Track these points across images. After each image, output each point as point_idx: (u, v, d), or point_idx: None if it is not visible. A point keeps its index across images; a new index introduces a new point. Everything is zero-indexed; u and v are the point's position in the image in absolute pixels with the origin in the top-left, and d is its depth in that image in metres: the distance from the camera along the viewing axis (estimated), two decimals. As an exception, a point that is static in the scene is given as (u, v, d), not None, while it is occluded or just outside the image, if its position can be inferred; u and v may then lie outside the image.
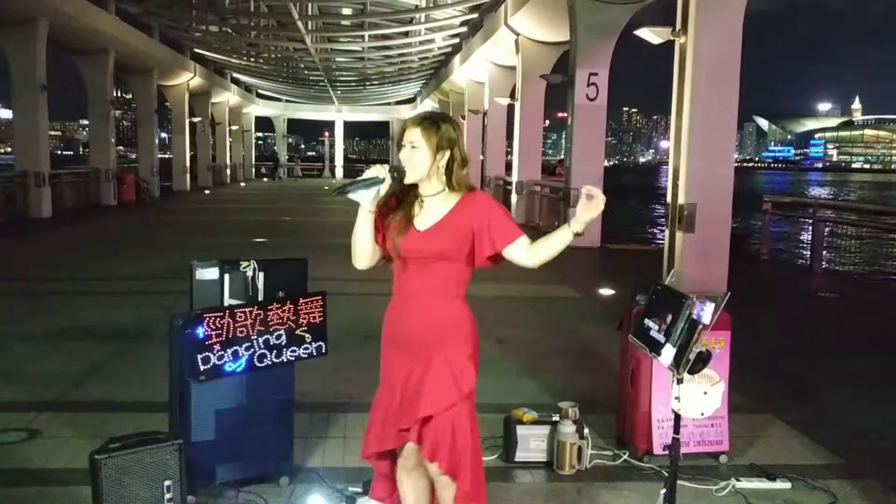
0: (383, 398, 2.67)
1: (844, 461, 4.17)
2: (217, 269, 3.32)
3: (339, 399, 4.93)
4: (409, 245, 2.58)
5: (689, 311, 2.19)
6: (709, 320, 2.16)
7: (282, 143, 53.84)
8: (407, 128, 2.59)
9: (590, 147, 14.00)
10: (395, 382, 2.63)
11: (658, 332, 2.33)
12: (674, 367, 2.22)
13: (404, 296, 2.64)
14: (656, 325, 2.36)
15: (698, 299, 2.21)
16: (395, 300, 2.68)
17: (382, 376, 2.70)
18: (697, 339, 2.16)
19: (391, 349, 2.68)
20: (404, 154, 2.56)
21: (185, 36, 27.39)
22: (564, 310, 8.29)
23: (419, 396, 2.56)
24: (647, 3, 13.33)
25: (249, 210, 21.54)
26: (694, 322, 2.18)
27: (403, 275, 2.63)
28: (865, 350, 6.87)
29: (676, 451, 2.32)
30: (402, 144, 2.58)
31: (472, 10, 21.64)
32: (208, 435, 3.31)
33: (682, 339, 2.19)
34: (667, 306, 2.35)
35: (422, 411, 2.53)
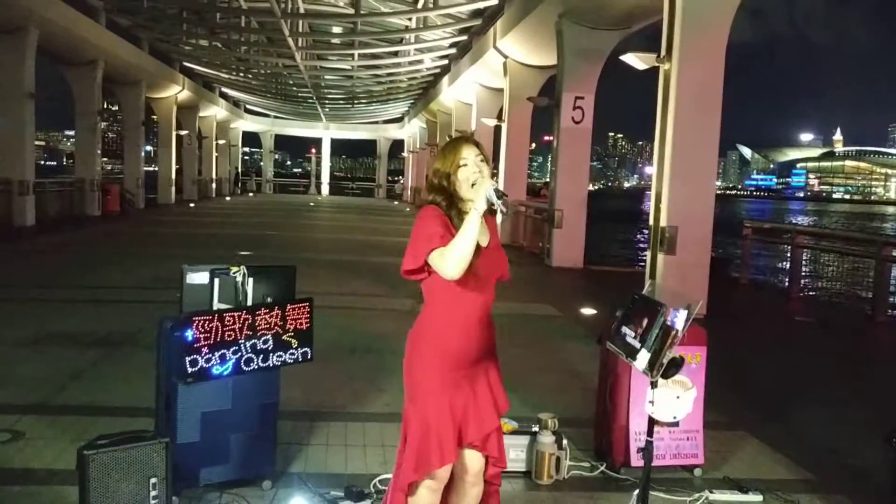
0: (439, 414, 2.63)
1: (815, 477, 4.28)
2: (207, 274, 3.40)
3: (323, 409, 4.98)
4: (484, 261, 2.63)
5: (664, 318, 2.29)
6: (682, 326, 2.26)
7: (268, 159, 53.85)
8: (465, 146, 2.70)
9: (574, 169, 14.20)
10: (455, 400, 2.65)
11: (634, 338, 2.43)
12: (648, 370, 2.32)
13: (468, 312, 2.67)
14: (632, 332, 2.46)
15: (672, 307, 2.32)
16: (457, 317, 2.66)
17: (433, 393, 2.65)
18: (671, 345, 2.26)
19: (448, 364, 2.66)
20: (473, 170, 2.64)
21: (174, 49, 27.47)
22: (546, 328, 8.39)
23: (487, 407, 2.70)
24: (634, 30, 13.62)
25: (234, 224, 21.54)
26: (668, 328, 2.28)
27: (466, 291, 2.62)
28: (838, 373, 7.03)
29: (649, 455, 2.41)
30: (462, 165, 2.65)
31: (462, 33, 21.91)
32: (193, 437, 3.37)
33: (657, 344, 2.29)
34: (643, 314, 2.45)
35: (492, 423, 2.70)
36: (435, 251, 2.54)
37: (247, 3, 21.58)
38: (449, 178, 2.67)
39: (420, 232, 2.61)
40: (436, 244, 2.54)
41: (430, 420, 2.63)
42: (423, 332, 2.72)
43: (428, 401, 2.65)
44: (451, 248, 2.50)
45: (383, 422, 4.72)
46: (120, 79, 24.58)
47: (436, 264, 2.55)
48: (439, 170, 2.71)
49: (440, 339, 2.67)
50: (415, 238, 2.63)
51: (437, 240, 2.55)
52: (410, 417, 2.72)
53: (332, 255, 14.28)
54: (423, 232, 2.60)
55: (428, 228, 2.59)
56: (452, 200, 2.68)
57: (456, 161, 2.67)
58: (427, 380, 2.67)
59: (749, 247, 13.17)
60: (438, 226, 2.59)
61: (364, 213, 30.36)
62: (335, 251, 15.37)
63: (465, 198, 2.66)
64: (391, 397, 5.32)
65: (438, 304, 2.68)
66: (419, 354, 2.71)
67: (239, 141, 49.12)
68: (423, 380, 2.68)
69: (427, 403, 2.65)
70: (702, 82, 8.93)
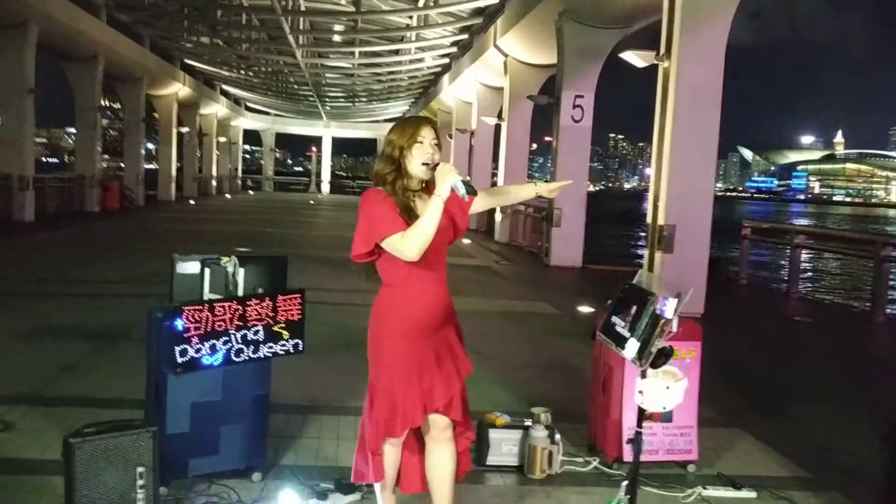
0: (406, 384, 2.79)
1: (809, 474, 4.25)
2: (198, 264, 3.37)
3: (317, 402, 4.96)
4: (439, 237, 2.74)
5: (653, 307, 2.27)
6: (671, 314, 2.24)
7: (269, 157, 53.83)
8: (426, 125, 2.83)
9: (574, 167, 14.15)
10: (421, 367, 2.81)
11: (623, 327, 2.41)
12: (637, 359, 2.30)
13: (424, 283, 2.81)
14: (622, 322, 2.44)
15: (661, 295, 2.30)
16: (414, 289, 2.80)
17: (399, 366, 2.80)
18: (660, 333, 2.24)
19: (414, 336, 2.80)
20: (428, 150, 2.77)
21: (175, 46, 27.47)
22: (543, 325, 8.36)
23: (449, 373, 2.86)
24: (634, 29, 13.59)
25: (233, 220, 21.53)
26: (657, 316, 2.26)
27: (421, 265, 2.74)
28: (834, 372, 7.00)
29: (638, 446, 2.39)
30: (419, 141, 2.77)
31: (463, 31, 21.88)
32: (183, 427, 3.34)
33: (646, 333, 2.27)
34: (632, 303, 2.43)
35: (455, 387, 2.86)
36: (394, 236, 2.65)
37: (248, 0, 21.59)
38: (402, 150, 2.78)
39: (371, 216, 2.73)
40: (390, 229, 2.66)
41: (395, 391, 2.80)
42: (385, 308, 2.85)
43: (394, 373, 2.81)
44: (413, 233, 2.63)
45: (376, 416, 4.69)
46: (121, 75, 24.58)
47: (395, 247, 2.67)
48: (394, 141, 2.82)
49: (402, 313, 2.81)
50: (365, 222, 2.75)
51: (389, 225, 2.67)
52: (377, 387, 2.89)
53: (329, 252, 14.25)
54: (374, 216, 2.71)
55: (379, 212, 2.71)
56: (399, 173, 2.80)
57: (414, 137, 2.78)
58: (393, 353, 2.81)
59: (748, 247, 13.15)
60: (389, 210, 2.72)
61: (364, 211, 30.27)
62: (333, 248, 15.33)
63: (412, 173, 2.79)
64: (385, 392, 5.30)
65: (395, 279, 2.81)
66: (383, 328, 2.84)
67: (240, 139, 49.13)
68: (390, 353, 2.82)
69: (393, 375, 2.81)
70: (701, 80, 8.91)
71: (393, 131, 2.85)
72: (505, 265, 13.88)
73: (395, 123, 2.93)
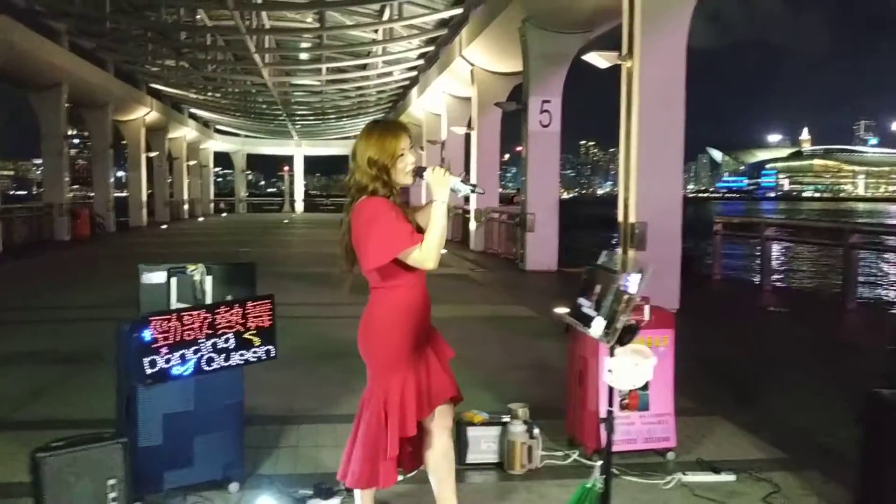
0: (413, 382, 2.85)
1: (787, 456, 4.28)
2: (164, 273, 3.34)
3: (294, 413, 4.92)
4: None
5: (617, 284, 2.28)
6: (635, 290, 2.25)
7: (240, 179, 53.50)
8: (402, 136, 2.86)
9: (545, 172, 14.26)
10: (423, 363, 2.90)
11: (590, 307, 2.42)
12: (603, 337, 2.30)
13: (421, 287, 2.91)
14: (588, 301, 2.45)
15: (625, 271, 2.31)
16: (419, 293, 2.89)
17: (404, 364, 2.85)
18: (625, 309, 2.25)
19: (418, 335, 2.88)
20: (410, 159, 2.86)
21: (140, 70, 27.31)
22: (521, 328, 8.37)
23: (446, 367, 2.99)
24: (597, 33, 13.73)
25: (206, 242, 21.35)
26: (621, 292, 2.27)
27: (409, 269, 2.81)
28: (808, 358, 7.07)
29: (611, 425, 2.40)
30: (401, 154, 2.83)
31: (429, 43, 22.00)
32: (156, 440, 3.30)
33: (611, 309, 2.28)
34: (597, 282, 2.45)
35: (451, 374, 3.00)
36: (413, 248, 2.70)
37: (212, 20, 21.54)
38: (387, 169, 2.80)
39: (386, 229, 2.72)
40: (410, 241, 2.70)
41: (405, 391, 2.83)
42: (381, 314, 2.88)
43: (402, 374, 2.84)
44: (428, 244, 2.70)
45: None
46: (86, 102, 24.35)
47: (415, 259, 2.72)
48: (377, 160, 2.81)
49: (412, 314, 2.86)
50: (381, 234, 2.73)
51: (411, 237, 2.70)
52: (389, 390, 2.86)
53: (303, 268, 14.20)
54: (391, 228, 2.72)
55: (396, 224, 2.73)
56: (387, 185, 2.83)
57: (396, 152, 2.82)
58: (396, 355, 2.84)
59: (720, 242, 13.27)
60: (403, 220, 2.75)
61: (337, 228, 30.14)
62: (307, 264, 15.29)
63: (400, 183, 2.86)
64: (363, 399, 5.27)
65: (396, 283, 2.83)
66: (382, 334, 2.88)
67: (210, 161, 48.78)
68: (394, 356, 2.85)
69: (403, 376, 2.84)
70: (664, 78, 9.01)
71: (371, 147, 2.81)
72: (481, 272, 13.89)
73: (367, 133, 2.87)
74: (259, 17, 20.43)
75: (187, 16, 21.41)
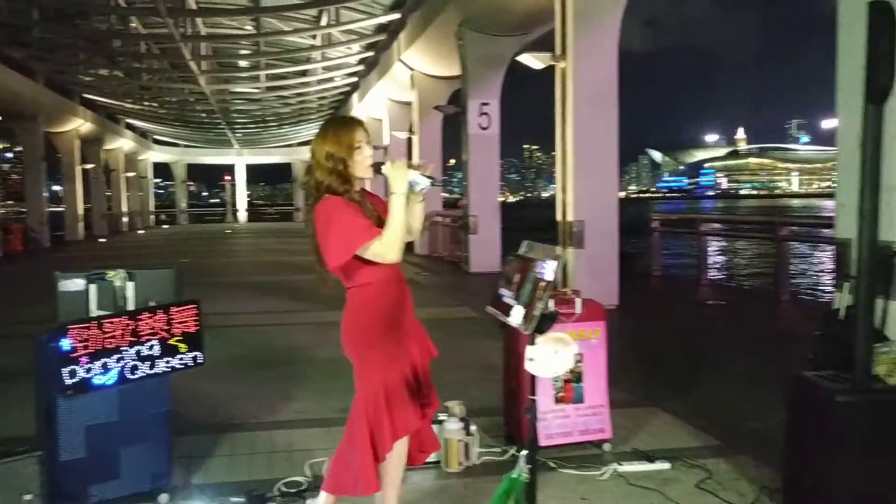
0: (402, 383, 2.82)
1: (720, 442, 4.38)
2: (82, 280, 3.24)
3: (231, 421, 4.82)
4: None
5: (534, 271, 2.30)
6: (551, 277, 2.27)
7: (181, 190, 52.48)
8: (358, 129, 2.86)
9: (485, 175, 14.36)
10: (407, 365, 2.87)
11: (510, 297, 2.43)
12: (522, 324, 2.32)
13: (398, 277, 2.88)
14: (509, 291, 2.46)
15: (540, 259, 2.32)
16: (392, 289, 2.84)
17: (389, 365, 2.81)
18: (542, 296, 2.26)
19: (398, 334, 2.85)
20: (368, 152, 2.83)
21: (72, 80, 26.54)
22: (463, 328, 8.37)
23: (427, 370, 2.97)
24: (533, 36, 13.87)
25: (145, 255, 20.87)
26: (538, 280, 2.29)
27: (393, 266, 2.80)
28: (743, 348, 7.25)
29: (533, 412, 2.41)
30: (357, 147, 2.81)
31: (368, 48, 21.92)
32: (79, 453, 3.19)
33: (529, 298, 2.30)
34: (516, 271, 2.46)
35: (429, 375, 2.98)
36: (373, 242, 2.68)
37: (145, 28, 21.09)
38: (345, 161, 2.79)
39: (345, 226, 2.71)
40: (369, 235, 2.68)
41: (395, 388, 2.80)
42: (364, 308, 2.83)
43: (389, 371, 2.80)
44: (388, 237, 2.68)
45: (292, 428, 4.61)
46: (15, 114, 23.58)
47: (377, 252, 2.69)
48: (334, 154, 2.79)
49: (381, 308, 2.81)
50: (339, 231, 2.72)
51: (369, 231, 2.69)
52: (373, 390, 2.80)
53: (246, 277, 14.02)
54: (348, 225, 2.71)
55: (352, 221, 2.72)
56: (345, 178, 2.81)
57: (352, 144, 2.80)
58: (382, 348, 2.80)
59: (659, 239, 13.52)
60: (360, 216, 2.74)
61: (281, 236, 29.89)
62: (249, 273, 15.09)
63: (358, 177, 2.84)
64: (302, 404, 5.21)
65: (365, 280, 2.80)
66: (368, 327, 2.81)
67: (150, 173, 47.77)
68: (379, 349, 2.80)
69: (389, 374, 2.80)
70: (597, 78, 9.15)
71: (327, 142, 2.81)
72: (426, 276, 13.89)
73: (323, 130, 2.88)
74: (194, 24, 20.08)
75: (120, 24, 20.91)
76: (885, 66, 3.03)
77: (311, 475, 3.76)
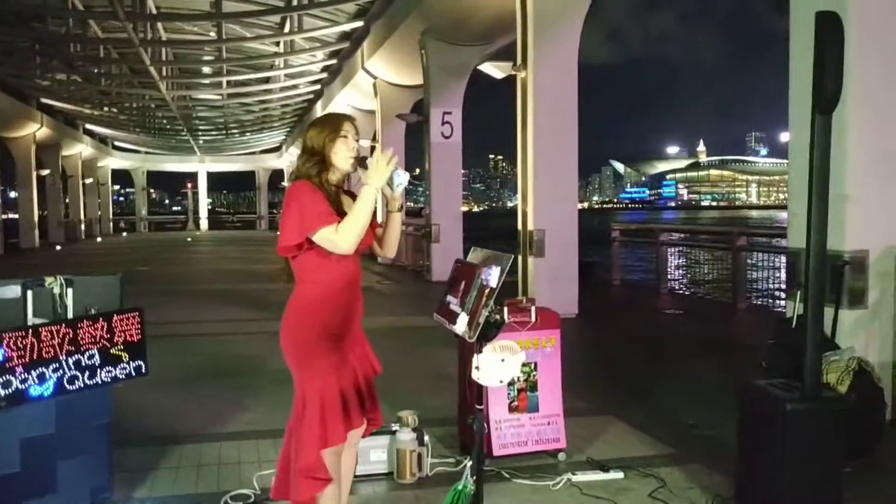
0: (341, 386, 2.70)
1: (675, 451, 4.38)
2: (18, 287, 3.12)
3: (179, 433, 4.69)
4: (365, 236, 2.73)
5: (480, 278, 2.26)
6: (496, 283, 2.23)
7: (141, 197, 51.62)
8: (347, 121, 2.82)
9: (447, 183, 14.37)
10: (349, 369, 2.77)
11: (456, 304, 2.39)
12: (467, 332, 2.28)
13: (350, 284, 2.76)
14: (455, 299, 2.42)
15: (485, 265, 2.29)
16: (341, 289, 2.73)
17: (332, 369, 2.70)
18: (486, 303, 2.22)
19: (343, 337, 2.75)
20: (352, 144, 2.78)
21: (29, 84, 25.96)
22: (423, 337, 8.31)
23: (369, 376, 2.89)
24: (495, 46, 13.93)
25: (103, 263, 20.44)
26: (482, 286, 2.25)
27: (347, 265, 2.72)
28: (701, 357, 7.30)
29: (480, 423, 2.37)
30: (343, 135, 2.76)
31: (332, 56, 21.80)
32: (12, 467, 3.06)
33: (474, 305, 2.26)
34: (462, 278, 2.42)
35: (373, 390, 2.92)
36: (328, 228, 2.58)
37: (104, 33, 20.71)
38: (325, 143, 2.74)
39: (303, 208, 2.63)
40: (325, 221, 2.59)
41: (330, 393, 2.68)
42: (305, 308, 2.73)
43: (327, 375, 2.68)
44: (347, 224, 2.59)
45: (242, 439, 4.51)
46: (-34, 118, 23.01)
47: (329, 239, 2.59)
48: (316, 137, 2.77)
49: (323, 312, 2.71)
50: (297, 213, 2.63)
51: (326, 217, 2.60)
52: (307, 394, 2.70)
53: (205, 286, 13.79)
54: (307, 209, 2.62)
55: (314, 206, 2.62)
56: (323, 166, 2.75)
57: (338, 130, 2.76)
58: (318, 353, 2.69)
59: (619, 248, 13.62)
60: (323, 202, 2.65)
61: (243, 244, 29.58)
62: (209, 281, 14.85)
63: (336, 165, 2.76)
64: (254, 415, 5.11)
65: (314, 278, 2.71)
66: (305, 329, 2.71)
67: (109, 179, 46.92)
68: (316, 354, 2.69)
69: (326, 377, 2.68)
70: (557, 88, 9.20)
71: (313, 127, 2.81)
72: (387, 284, 13.81)
73: (312, 122, 2.87)
74: (154, 29, 19.77)
75: (78, 27, 20.51)
76: (833, 75, 3.06)
77: (260, 488, 3.67)
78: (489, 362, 2.21)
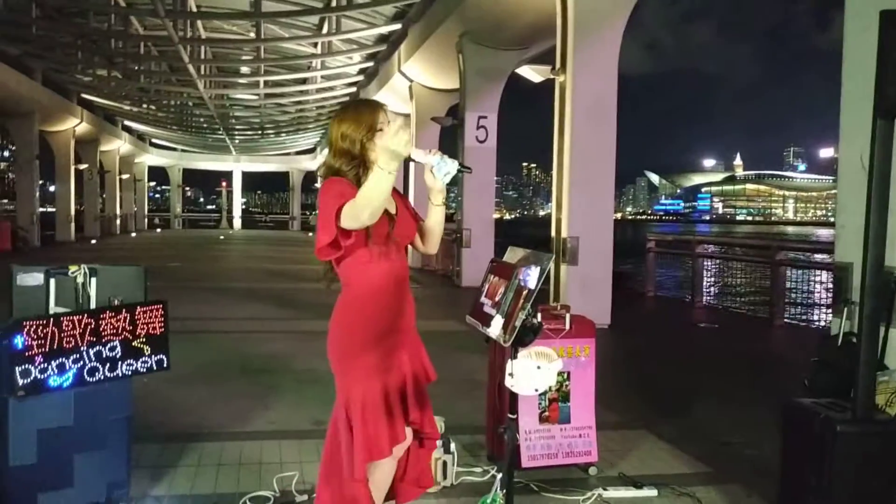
0: (387, 394, 2.50)
1: (711, 469, 4.19)
2: (41, 275, 3.05)
3: (200, 430, 4.61)
4: (402, 230, 2.56)
5: (517, 279, 2.12)
6: (534, 285, 2.09)
7: (176, 194, 52.25)
8: (380, 111, 2.55)
9: (480, 188, 14.22)
10: (398, 374, 2.56)
11: (491, 307, 2.26)
12: (502, 336, 2.14)
13: (396, 283, 2.54)
14: (489, 301, 2.29)
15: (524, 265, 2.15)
16: (386, 288, 2.52)
17: (375, 372, 2.50)
18: (524, 305, 2.08)
19: (389, 338, 2.54)
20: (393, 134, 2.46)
21: (71, 80, 26.38)
22: (452, 342, 8.18)
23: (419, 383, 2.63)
24: (533, 52, 13.78)
25: (135, 258, 20.64)
26: (520, 288, 2.11)
27: (387, 261, 2.51)
28: (738, 373, 7.07)
29: (512, 433, 2.23)
30: (380, 129, 2.50)
31: (368, 59, 21.82)
32: (29, 459, 2.98)
33: (510, 307, 2.12)
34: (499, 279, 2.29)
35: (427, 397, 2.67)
36: (345, 206, 2.30)
37: (145, 30, 20.96)
38: (362, 143, 2.49)
39: (327, 200, 2.38)
40: (342, 201, 2.32)
41: (375, 403, 2.48)
42: (349, 309, 2.53)
43: (370, 383, 2.49)
44: (359, 196, 2.26)
45: (264, 439, 4.41)
46: (9, 111, 23.40)
47: (348, 214, 2.29)
48: (351, 135, 2.51)
49: (367, 312, 2.51)
50: (323, 208, 2.40)
51: (343, 198, 2.33)
52: (351, 405, 2.50)
53: (231, 283, 13.81)
54: (330, 198, 2.37)
55: (335, 193, 2.38)
56: (363, 167, 2.50)
57: (374, 126, 2.50)
58: (364, 361, 2.49)
59: (653, 260, 13.35)
60: (346, 187, 2.40)
61: (275, 244, 29.73)
62: (238, 279, 14.88)
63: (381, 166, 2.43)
64: (277, 414, 5.02)
65: (358, 281, 2.51)
66: (348, 330, 2.52)
67: (145, 175, 47.57)
68: (361, 362, 2.50)
69: (370, 386, 2.49)
70: (597, 93, 9.02)
71: (344, 123, 2.53)
72: (417, 288, 13.58)
73: (342, 111, 2.61)
74: (194, 27, 19.95)
75: (119, 24, 20.77)
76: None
77: (280, 490, 3.56)
78: (524, 369, 2.08)
